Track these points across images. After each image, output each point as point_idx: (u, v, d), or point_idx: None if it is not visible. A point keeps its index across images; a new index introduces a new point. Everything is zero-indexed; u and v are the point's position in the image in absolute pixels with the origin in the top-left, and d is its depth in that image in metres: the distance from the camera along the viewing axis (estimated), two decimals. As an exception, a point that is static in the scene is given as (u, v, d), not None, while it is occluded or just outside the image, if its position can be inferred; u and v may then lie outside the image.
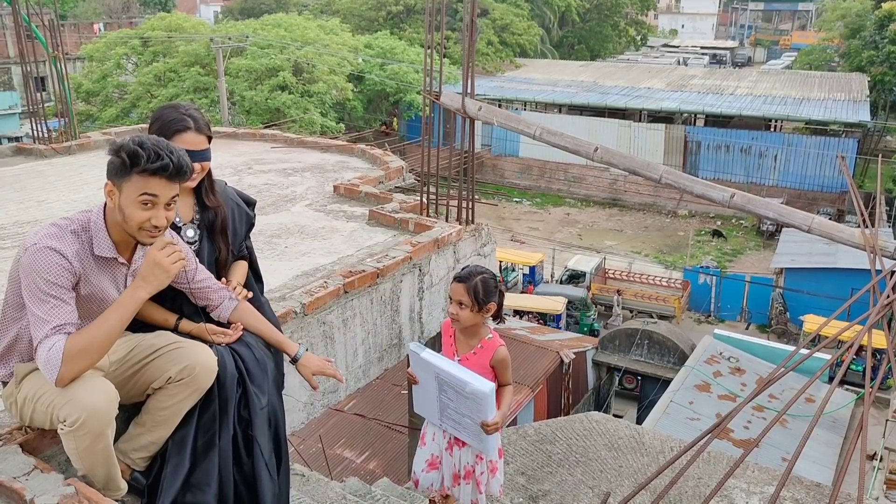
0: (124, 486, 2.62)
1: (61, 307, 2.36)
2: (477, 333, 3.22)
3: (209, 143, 2.89)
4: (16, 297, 2.47)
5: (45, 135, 7.86)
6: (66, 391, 2.37)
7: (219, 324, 2.88)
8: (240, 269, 3.09)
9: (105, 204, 2.51)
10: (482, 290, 3.10)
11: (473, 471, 3.33)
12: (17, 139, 24.42)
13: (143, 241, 2.49)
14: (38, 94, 8.02)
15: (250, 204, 3.22)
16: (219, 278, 2.92)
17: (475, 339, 3.22)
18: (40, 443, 2.69)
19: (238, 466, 2.74)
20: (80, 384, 2.38)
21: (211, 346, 2.71)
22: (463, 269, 3.21)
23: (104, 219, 2.50)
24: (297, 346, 2.93)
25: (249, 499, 2.77)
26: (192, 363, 2.56)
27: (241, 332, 2.85)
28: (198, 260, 2.84)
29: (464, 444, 3.30)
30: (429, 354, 3.10)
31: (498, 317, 3.27)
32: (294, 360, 2.91)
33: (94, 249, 2.47)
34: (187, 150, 2.69)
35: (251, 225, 3.21)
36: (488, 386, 2.96)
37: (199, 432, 2.67)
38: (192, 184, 2.85)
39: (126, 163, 2.38)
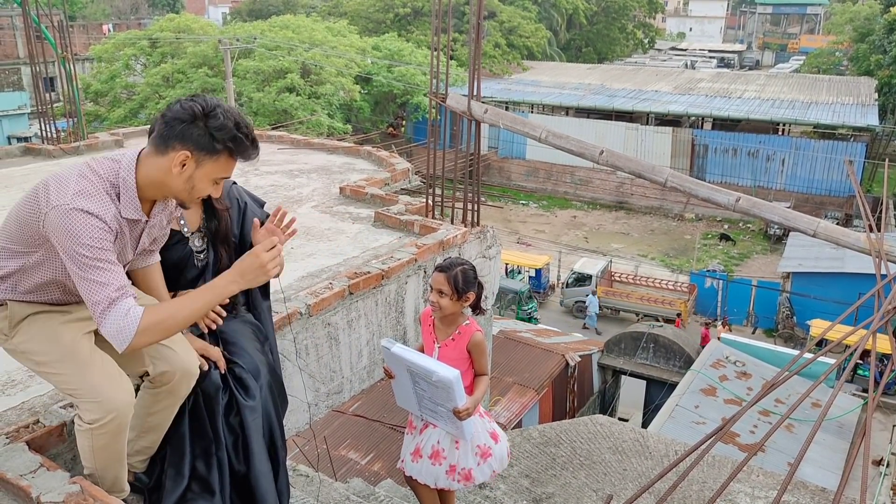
0: (128, 487, 2.63)
1: (113, 269, 2.15)
2: (455, 321, 3.38)
3: None
4: (21, 235, 2.25)
5: (54, 135, 7.90)
6: (92, 386, 2.25)
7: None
8: None
9: (138, 159, 2.27)
10: (462, 280, 3.27)
11: (441, 452, 3.41)
12: (26, 139, 24.60)
13: (189, 205, 2.45)
14: (47, 95, 8.07)
15: (260, 205, 3.12)
16: None
17: (453, 327, 3.38)
18: (46, 441, 2.71)
19: (233, 475, 2.73)
20: (107, 379, 2.28)
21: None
22: (445, 260, 3.37)
23: (136, 177, 2.26)
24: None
25: None
26: (173, 369, 2.48)
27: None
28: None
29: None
30: (399, 349, 3.23)
31: (477, 308, 3.41)
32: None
33: (121, 211, 2.25)
34: None
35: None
36: (453, 373, 3.09)
37: (195, 438, 2.66)
38: None
39: (225, 148, 2.29)
